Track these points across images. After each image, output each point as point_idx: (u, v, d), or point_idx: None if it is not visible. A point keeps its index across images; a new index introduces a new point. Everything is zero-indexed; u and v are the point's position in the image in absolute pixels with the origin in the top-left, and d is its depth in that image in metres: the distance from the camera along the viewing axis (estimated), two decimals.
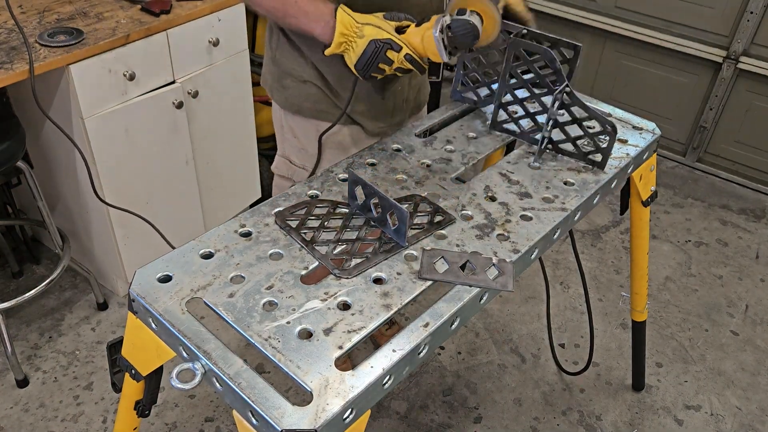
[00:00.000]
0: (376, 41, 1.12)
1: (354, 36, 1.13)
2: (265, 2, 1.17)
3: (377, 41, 1.12)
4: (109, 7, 1.93)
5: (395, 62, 1.14)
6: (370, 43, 1.12)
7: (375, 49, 1.12)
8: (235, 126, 2.34)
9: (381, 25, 1.14)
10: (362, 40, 1.13)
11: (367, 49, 1.13)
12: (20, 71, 1.61)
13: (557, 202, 1.20)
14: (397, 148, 1.32)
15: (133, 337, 1.02)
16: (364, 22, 1.14)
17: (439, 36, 1.11)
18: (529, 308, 2.36)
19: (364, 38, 1.13)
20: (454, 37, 1.13)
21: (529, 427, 1.95)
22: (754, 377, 2.13)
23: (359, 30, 1.13)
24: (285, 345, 0.87)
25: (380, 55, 1.13)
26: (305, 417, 0.78)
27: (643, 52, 3.06)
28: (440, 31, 1.12)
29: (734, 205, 2.93)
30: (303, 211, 1.11)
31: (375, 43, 1.12)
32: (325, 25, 1.14)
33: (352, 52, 1.15)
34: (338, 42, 1.14)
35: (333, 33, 1.14)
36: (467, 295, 0.98)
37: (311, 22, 1.15)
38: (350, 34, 1.13)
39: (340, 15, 1.13)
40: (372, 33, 1.13)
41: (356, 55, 1.14)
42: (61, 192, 2.17)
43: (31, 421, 1.89)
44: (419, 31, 1.14)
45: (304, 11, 1.14)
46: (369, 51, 1.13)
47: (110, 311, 2.25)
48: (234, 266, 0.99)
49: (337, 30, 1.13)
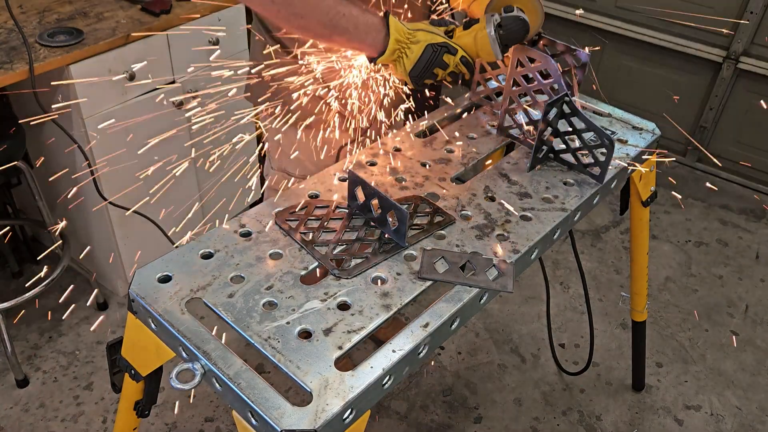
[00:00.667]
0: (433, 45, 1.11)
1: (408, 42, 1.12)
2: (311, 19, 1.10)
3: (434, 45, 1.11)
4: (109, 7, 1.93)
5: (450, 66, 1.13)
6: (427, 47, 1.11)
7: (433, 53, 1.11)
8: (235, 126, 2.33)
9: (432, 29, 1.13)
10: (417, 46, 1.11)
11: (424, 54, 1.11)
12: (20, 71, 1.61)
13: (557, 202, 1.19)
14: (397, 148, 1.32)
15: (133, 338, 1.02)
16: (416, 29, 1.13)
17: (494, 35, 1.12)
18: (529, 308, 2.36)
19: (419, 43, 1.11)
20: (506, 33, 1.14)
21: (529, 427, 1.95)
22: (754, 377, 2.13)
23: (412, 36, 1.12)
24: (285, 345, 0.87)
25: (438, 60, 1.12)
26: (305, 417, 0.78)
27: (644, 52, 3.06)
28: (494, 30, 1.13)
29: (734, 205, 2.93)
30: (303, 212, 1.11)
31: (432, 48, 1.11)
32: (376, 35, 1.11)
33: (407, 59, 1.13)
34: (393, 49, 1.12)
35: (384, 42, 1.11)
36: (467, 295, 0.98)
37: (362, 34, 1.12)
38: (404, 41, 1.12)
39: (393, 22, 1.11)
40: (426, 38, 1.12)
41: (411, 61, 1.12)
42: (61, 192, 2.17)
43: (31, 421, 1.89)
44: (470, 32, 1.14)
45: (354, 23, 1.10)
46: (426, 56, 1.11)
47: (110, 311, 2.25)
48: (234, 266, 0.99)
49: (392, 37, 1.11)
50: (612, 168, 1.29)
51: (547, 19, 1.35)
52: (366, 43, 1.12)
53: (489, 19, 1.13)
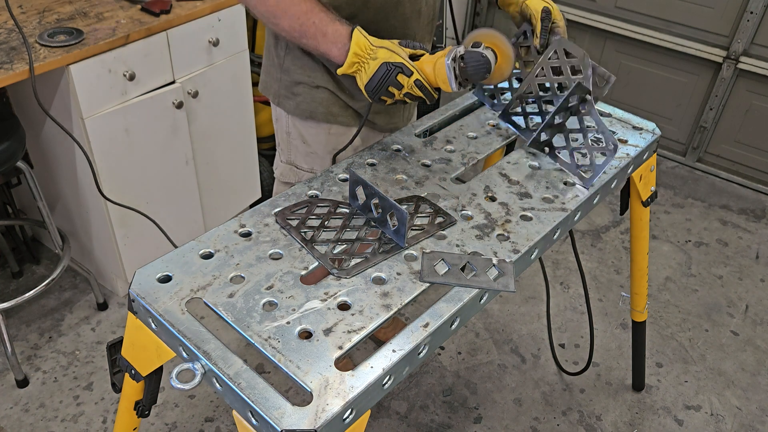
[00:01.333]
0: (388, 64, 1.13)
1: (367, 57, 1.15)
2: (283, 22, 1.17)
3: (389, 64, 1.13)
4: (109, 7, 1.93)
5: (405, 87, 1.15)
6: (382, 65, 1.13)
7: (386, 72, 1.13)
8: (235, 126, 2.34)
9: (395, 49, 1.15)
10: (374, 62, 1.14)
11: (378, 71, 1.14)
12: (20, 71, 1.61)
13: (557, 202, 1.20)
14: (397, 148, 1.32)
15: (133, 338, 1.02)
16: (379, 46, 1.15)
17: (450, 64, 1.13)
18: (529, 308, 2.36)
19: (376, 60, 1.14)
20: (465, 68, 1.15)
21: (529, 427, 1.95)
22: (754, 377, 2.13)
23: (373, 52, 1.14)
24: (285, 345, 0.87)
25: (390, 78, 1.14)
26: (305, 417, 0.78)
27: (643, 52, 3.06)
28: (452, 60, 1.13)
29: (734, 205, 2.93)
30: (304, 211, 1.11)
31: (387, 66, 1.13)
32: (342, 47, 1.15)
33: (364, 74, 1.16)
34: (351, 62, 1.15)
35: (346, 54, 1.15)
36: (467, 295, 0.98)
37: (328, 43, 1.16)
38: (363, 56, 1.15)
39: (355, 36, 1.15)
40: (385, 56, 1.14)
41: (368, 76, 1.15)
42: (61, 192, 2.17)
43: (31, 421, 1.89)
44: (432, 58, 1.15)
45: (322, 32, 1.15)
46: (380, 73, 1.14)
47: (110, 311, 2.25)
48: (234, 266, 0.99)
49: (351, 50, 1.14)
50: (606, 173, 1.29)
51: None
52: (332, 53, 1.17)
53: (452, 50, 1.14)
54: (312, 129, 1.43)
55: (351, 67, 1.16)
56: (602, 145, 1.26)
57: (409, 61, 1.15)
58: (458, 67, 1.14)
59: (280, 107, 1.44)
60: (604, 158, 1.23)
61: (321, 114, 1.39)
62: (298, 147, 1.47)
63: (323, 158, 1.45)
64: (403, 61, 1.14)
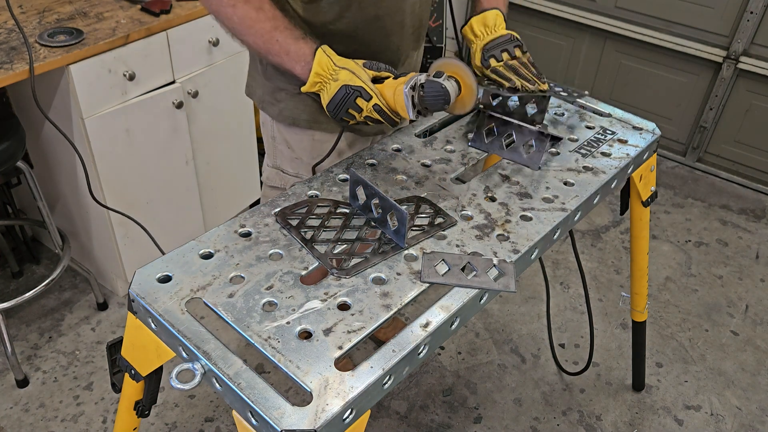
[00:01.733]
0: (348, 87, 1.12)
1: (329, 78, 1.14)
2: (248, 39, 1.18)
3: (348, 87, 1.12)
4: (109, 7, 1.93)
5: (364, 110, 1.14)
6: (342, 87, 1.13)
7: (345, 95, 1.13)
8: (235, 126, 2.34)
9: (357, 71, 1.14)
10: (335, 84, 1.14)
11: (338, 93, 1.13)
12: (20, 71, 1.61)
13: (557, 203, 1.20)
14: (397, 148, 1.32)
15: (133, 338, 1.02)
16: (342, 66, 1.14)
17: (408, 92, 1.12)
18: (529, 308, 2.36)
19: (337, 82, 1.13)
20: (424, 97, 1.13)
21: (529, 427, 1.95)
22: (754, 377, 2.13)
23: (335, 73, 1.14)
24: (285, 345, 0.87)
25: (349, 101, 1.13)
26: (305, 417, 0.78)
27: (643, 52, 3.06)
28: (411, 88, 1.12)
29: (734, 205, 2.93)
30: (304, 210, 1.11)
31: (346, 89, 1.13)
32: (305, 65, 1.15)
33: (326, 93, 1.16)
34: (313, 81, 1.15)
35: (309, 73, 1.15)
36: (467, 295, 0.98)
37: (292, 61, 1.16)
38: (325, 76, 1.14)
39: (318, 55, 1.14)
40: (345, 78, 1.13)
41: (329, 96, 1.15)
42: (61, 192, 2.17)
43: (31, 421, 1.89)
44: (393, 84, 1.14)
45: (285, 50, 1.15)
46: (339, 95, 1.13)
47: (110, 311, 2.25)
48: (234, 266, 0.99)
49: (313, 70, 1.14)
50: (613, 168, 1.30)
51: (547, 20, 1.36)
52: (296, 71, 1.17)
53: (412, 78, 1.13)
54: (296, 135, 1.42)
55: (313, 86, 1.16)
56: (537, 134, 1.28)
57: (369, 85, 1.13)
58: (417, 95, 1.13)
59: (265, 112, 1.44)
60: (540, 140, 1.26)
61: (304, 121, 1.38)
62: (284, 152, 1.46)
63: (308, 164, 1.43)
64: (362, 84, 1.13)
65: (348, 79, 1.13)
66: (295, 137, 1.42)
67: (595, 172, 1.29)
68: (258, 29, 1.15)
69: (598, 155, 1.34)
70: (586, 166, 1.31)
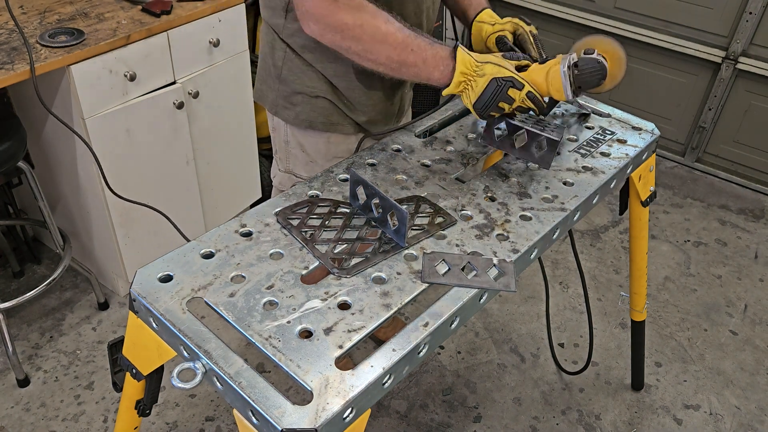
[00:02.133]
0: (498, 79, 1.10)
1: (474, 75, 1.12)
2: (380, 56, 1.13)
3: (499, 79, 1.10)
4: (110, 7, 1.94)
5: (516, 101, 1.13)
6: (492, 81, 1.10)
7: (497, 88, 1.10)
8: (235, 126, 2.34)
9: (501, 63, 1.12)
10: (483, 79, 1.11)
11: (488, 87, 1.11)
12: (21, 71, 1.61)
13: (557, 202, 1.20)
14: (397, 148, 1.32)
15: (134, 337, 1.02)
16: (484, 61, 1.12)
17: (567, 72, 1.11)
18: (529, 308, 2.36)
19: (485, 77, 1.11)
20: (581, 74, 1.13)
21: (529, 427, 1.96)
22: (753, 377, 2.14)
23: (479, 69, 1.11)
24: (285, 344, 0.87)
25: (502, 94, 1.11)
26: (305, 416, 0.79)
27: (643, 52, 3.07)
28: (567, 68, 1.11)
29: (733, 205, 2.94)
30: (304, 210, 1.12)
31: (497, 81, 1.10)
32: (444, 69, 1.13)
33: (471, 92, 1.13)
34: (458, 81, 1.12)
35: (451, 75, 1.12)
36: (467, 294, 0.98)
37: (429, 68, 1.13)
38: (470, 73, 1.12)
39: (460, 55, 1.12)
40: (493, 71, 1.11)
41: (476, 94, 1.12)
42: (62, 192, 2.18)
43: (32, 421, 1.89)
44: (543, 68, 1.13)
45: (422, 58, 1.13)
46: (490, 89, 1.11)
47: (111, 311, 2.26)
48: (234, 266, 1.00)
49: (458, 69, 1.11)
50: (613, 168, 1.30)
51: (546, 20, 1.37)
52: (434, 77, 1.14)
53: (565, 58, 1.12)
54: (311, 138, 1.42)
55: (458, 86, 1.13)
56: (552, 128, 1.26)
57: (518, 74, 1.12)
58: (572, 74, 1.12)
59: (278, 117, 1.42)
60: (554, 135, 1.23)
61: (321, 124, 1.38)
62: (298, 156, 1.46)
63: (323, 167, 1.43)
64: (512, 74, 1.11)
65: (496, 72, 1.11)
66: (311, 140, 1.42)
67: (595, 172, 1.29)
68: (391, 42, 1.12)
69: (598, 155, 1.35)
70: (585, 166, 1.31)
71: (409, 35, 1.13)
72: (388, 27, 1.12)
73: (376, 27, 1.11)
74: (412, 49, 1.12)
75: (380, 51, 1.13)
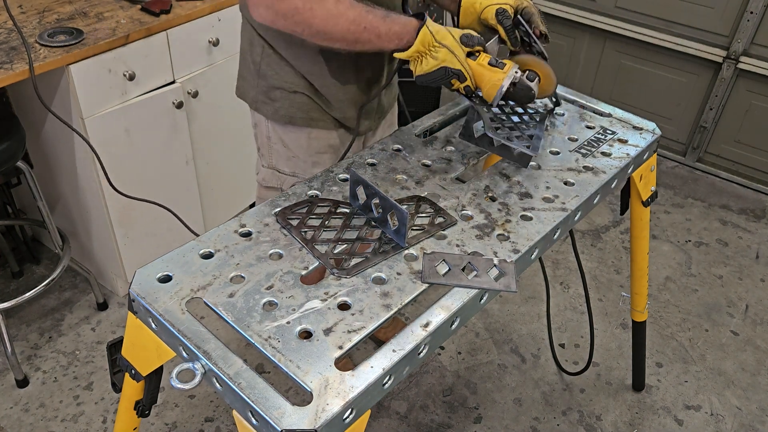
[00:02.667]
0: (447, 69, 1.16)
1: (427, 54, 1.17)
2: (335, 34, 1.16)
3: (448, 69, 1.16)
4: (109, 7, 1.94)
5: (453, 87, 1.20)
6: (441, 68, 1.16)
7: (444, 75, 1.17)
8: (235, 126, 2.34)
9: (456, 51, 1.17)
10: (434, 62, 1.16)
11: (437, 72, 1.17)
12: (20, 71, 1.61)
13: (557, 202, 1.20)
14: (397, 148, 1.32)
15: (133, 337, 1.02)
16: (441, 43, 1.16)
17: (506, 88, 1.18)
18: (529, 308, 2.36)
19: (436, 60, 1.16)
20: (514, 94, 1.21)
21: (529, 427, 1.95)
22: (754, 377, 2.13)
23: (435, 50, 1.16)
24: (285, 345, 0.87)
25: (445, 80, 1.18)
26: (305, 417, 0.78)
27: (643, 52, 3.06)
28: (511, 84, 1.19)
29: (734, 205, 2.93)
30: (304, 210, 1.11)
31: (445, 70, 1.16)
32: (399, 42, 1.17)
33: (419, 66, 1.18)
34: (413, 51, 1.17)
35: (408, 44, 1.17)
36: (467, 295, 0.98)
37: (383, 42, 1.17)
38: (425, 51, 1.17)
39: (424, 31, 1.15)
40: (445, 58, 1.16)
41: (423, 70, 1.17)
42: (61, 192, 2.17)
43: (31, 421, 1.89)
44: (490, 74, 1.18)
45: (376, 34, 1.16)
46: (437, 74, 1.17)
47: (110, 311, 2.25)
48: (234, 266, 0.99)
49: (416, 45, 1.16)
50: (614, 168, 1.30)
51: (546, 20, 1.36)
52: (389, 48, 1.18)
53: (510, 74, 1.18)
54: (292, 134, 1.42)
55: (411, 55, 1.18)
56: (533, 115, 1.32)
57: (466, 68, 1.17)
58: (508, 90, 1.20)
59: (259, 112, 1.43)
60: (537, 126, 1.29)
61: (300, 119, 1.39)
62: (279, 151, 1.46)
63: (305, 161, 1.44)
64: (461, 68, 1.16)
65: (448, 60, 1.16)
66: (291, 136, 1.42)
67: (596, 171, 1.29)
68: (343, 23, 1.14)
69: (599, 155, 1.34)
70: (586, 165, 1.31)
71: (360, 12, 1.15)
72: (338, 7, 1.14)
73: (326, 9, 1.13)
74: (365, 27, 1.15)
75: (334, 31, 1.16)
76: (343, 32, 1.15)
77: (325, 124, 1.40)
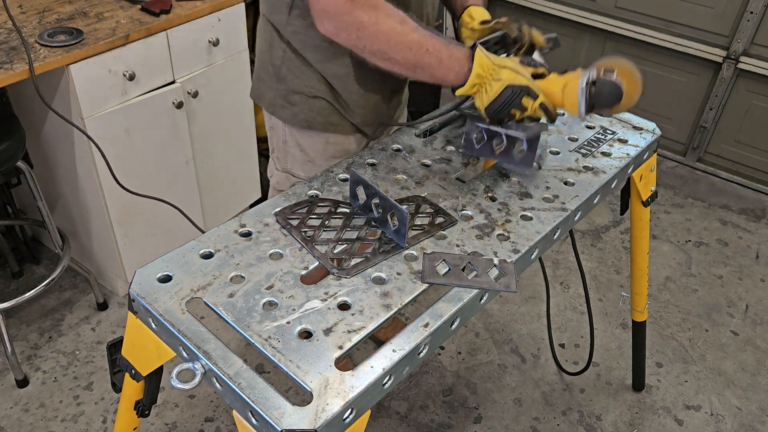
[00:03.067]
0: (514, 87, 1.10)
1: (490, 78, 1.11)
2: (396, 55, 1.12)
3: (515, 87, 1.10)
4: (109, 7, 1.93)
5: (529, 109, 1.12)
6: (507, 88, 1.10)
7: (512, 94, 1.10)
8: (235, 126, 2.34)
9: (519, 70, 1.11)
10: (498, 84, 1.10)
11: (503, 93, 1.10)
12: (20, 71, 1.61)
13: (557, 202, 1.20)
14: (397, 148, 1.32)
15: (133, 337, 1.02)
16: (501, 65, 1.11)
17: (584, 88, 1.10)
18: (529, 308, 2.36)
19: (500, 81, 1.10)
20: (597, 93, 1.11)
21: (529, 427, 1.95)
22: (754, 377, 2.13)
23: (496, 73, 1.11)
24: (285, 345, 0.87)
25: (515, 102, 1.10)
26: (305, 417, 0.78)
27: (643, 52, 3.06)
28: (586, 84, 1.10)
29: (734, 205, 2.93)
30: (304, 210, 1.11)
31: (512, 89, 1.10)
32: (459, 69, 1.12)
33: (485, 95, 1.12)
34: (473, 83, 1.12)
35: (467, 75, 1.11)
36: (467, 295, 0.98)
37: (444, 69, 1.12)
38: (486, 76, 1.11)
39: (478, 57, 1.11)
40: (509, 77, 1.10)
41: (490, 98, 1.12)
42: (61, 192, 2.17)
43: (31, 421, 1.89)
44: (561, 80, 1.12)
45: (438, 59, 1.11)
46: (505, 95, 1.10)
47: (110, 311, 2.25)
48: (234, 266, 0.99)
49: (474, 71, 1.10)
50: (614, 168, 1.30)
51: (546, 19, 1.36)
52: (449, 78, 1.13)
53: (585, 73, 1.10)
54: (310, 138, 1.41)
55: (473, 87, 1.13)
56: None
57: (534, 83, 1.11)
58: (589, 92, 1.11)
59: (276, 116, 1.41)
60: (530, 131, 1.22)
61: (319, 124, 1.37)
62: (296, 156, 1.45)
63: (321, 167, 1.42)
64: (528, 83, 1.10)
65: (512, 78, 1.10)
66: (309, 140, 1.41)
67: (596, 171, 1.29)
68: (407, 42, 1.10)
69: (599, 155, 1.34)
70: (586, 165, 1.31)
71: (425, 35, 1.11)
72: (403, 27, 1.11)
73: (391, 26, 1.10)
74: (427, 50, 1.11)
75: (396, 51, 1.12)
76: (405, 53, 1.11)
77: (343, 129, 1.39)
